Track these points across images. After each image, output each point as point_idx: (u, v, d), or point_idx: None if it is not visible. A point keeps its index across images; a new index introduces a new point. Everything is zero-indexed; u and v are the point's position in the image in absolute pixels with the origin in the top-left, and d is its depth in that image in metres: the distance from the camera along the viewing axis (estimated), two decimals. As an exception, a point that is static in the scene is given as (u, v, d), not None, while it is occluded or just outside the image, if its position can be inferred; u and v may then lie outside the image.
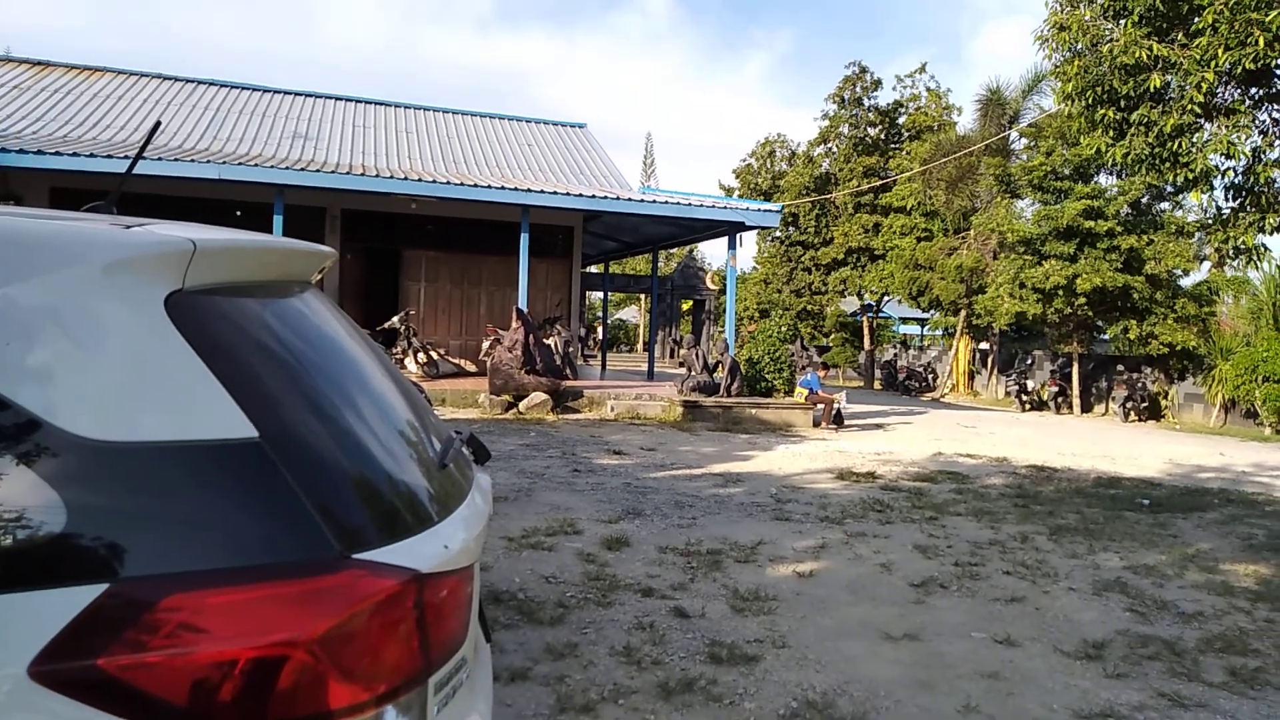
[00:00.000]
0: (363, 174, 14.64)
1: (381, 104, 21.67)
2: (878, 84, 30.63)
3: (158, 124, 2.16)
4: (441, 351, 17.15)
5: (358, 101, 21.45)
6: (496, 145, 21.22)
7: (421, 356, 16.03)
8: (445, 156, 19.79)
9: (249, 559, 1.20)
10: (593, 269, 29.49)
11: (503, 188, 14.96)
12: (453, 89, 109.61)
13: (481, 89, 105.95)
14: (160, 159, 13.30)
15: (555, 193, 15.23)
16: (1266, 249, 9.01)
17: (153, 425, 1.23)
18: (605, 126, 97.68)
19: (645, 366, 23.06)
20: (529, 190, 15.01)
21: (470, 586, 1.54)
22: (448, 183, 14.72)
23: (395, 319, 16.51)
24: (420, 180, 14.71)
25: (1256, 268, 21.47)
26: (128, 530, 1.18)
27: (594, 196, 15.39)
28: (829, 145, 31.77)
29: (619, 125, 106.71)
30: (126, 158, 12.72)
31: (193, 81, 20.20)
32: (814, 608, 4.83)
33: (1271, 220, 8.27)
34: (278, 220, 13.81)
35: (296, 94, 21.06)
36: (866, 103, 30.83)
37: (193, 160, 13.67)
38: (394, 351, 16.23)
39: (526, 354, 13.64)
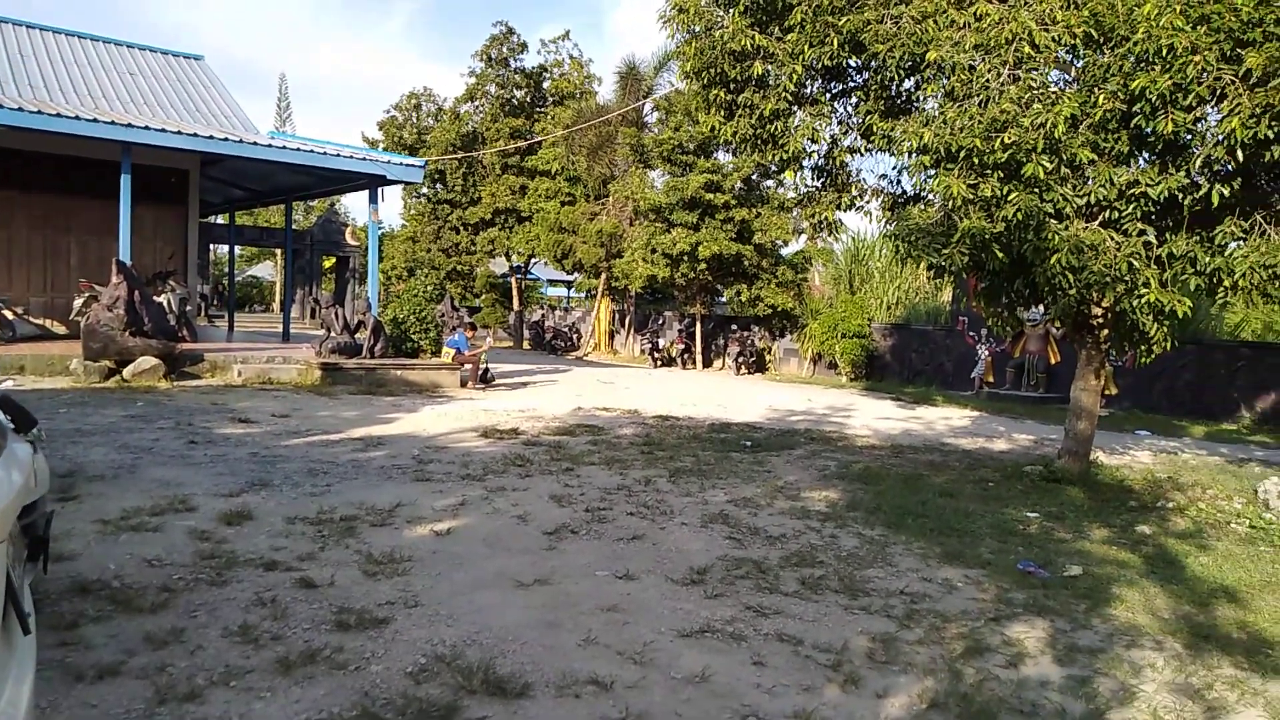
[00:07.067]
0: (-105, 89, 11.76)
1: (-76, 4, 17.52)
2: (524, 46, 30.93)
3: None
4: (19, 310, 14.50)
5: (-113, -3, 17.14)
6: (90, 71, 18.19)
7: (-9, 316, 13.41)
8: (19, 79, 16.55)
9: None
10: (217, 219, 26.65)
11: (96, 120, 12.88)
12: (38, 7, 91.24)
13: (78, 8, 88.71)
14: None
15: (164, 130, 13.44)
16: (843, 223, 10.60)
17: None
18: (232, 63, 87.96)
19: (280, 327, 21.42)
20: (130, 125, 13.07)
21: None
22: (20, 109, 12.34)
23: (-49, 271, 13.62)
24: (-19, 103, 12.17)
25: (838, 239, 25.28)
26: None
27: (211, 138, 13.81)
28: (476, 103, 31.55)
29: (249, 63, 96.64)
30: None
31: None
32: (450, 564, 4.86)
33: (846, 199, 9.70)
34: None
35: None
36: (513, 64, 31.02)
37: None
38: (-49, 310, 13.42)
39: (131, 313, 11.99)
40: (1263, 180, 7.23)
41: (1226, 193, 6.62)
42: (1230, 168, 6.77)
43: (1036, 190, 6.85)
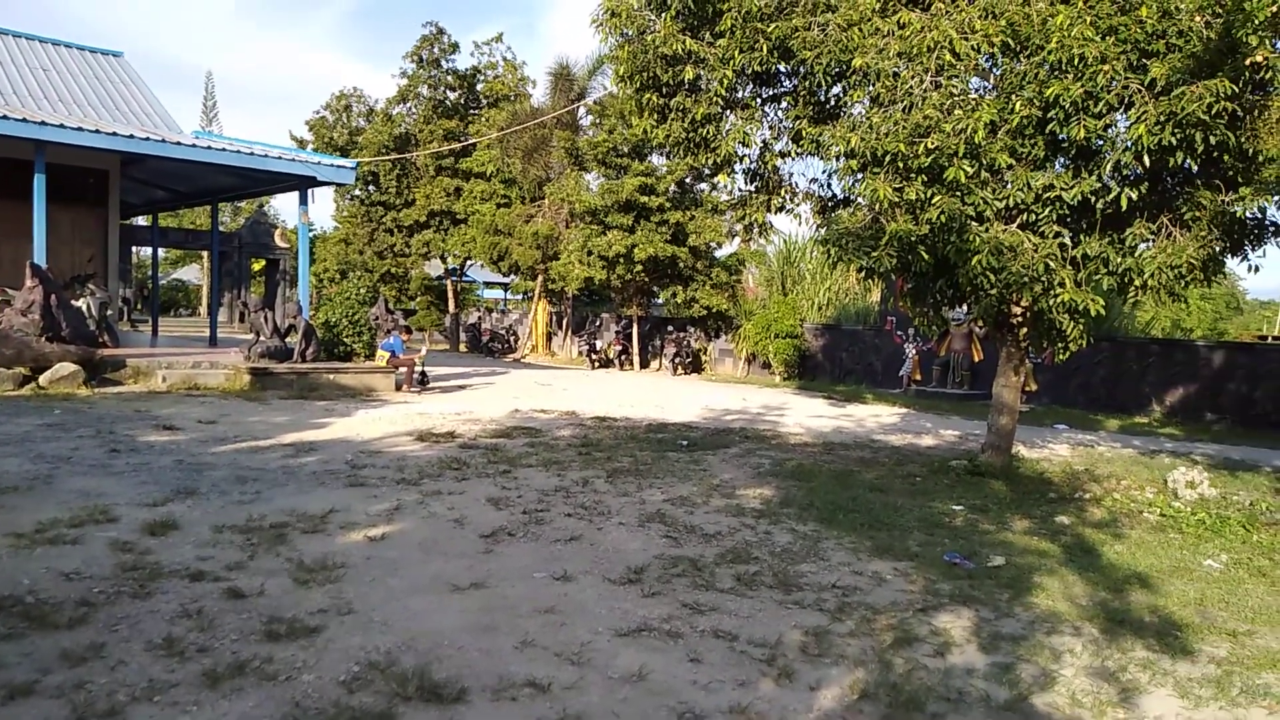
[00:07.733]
0: None
1: None
2: (455, 47, 30.58)
3: None
4: (-76, 317, 13.78)
5: None
6: (1, 67, 17.43)
7: (-108, 323, 12.74)
8: (-79, 72, 15.82)
9: None
10: (140, 220, 25.79)
11: (7, 117, 12.36)
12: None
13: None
14: None
15: (80, 129, 12.96)
16: (773, 226, 10.76)
17: None
18: (154, 60, 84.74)
19: (208, 332, 20.83)
20: (44, 123, 12.58)
21: None
22: (-77, 105, 11.78)
23: None
24: (-120, 99, 11.58)
25: (769, 242, 25.63)
26: None
27: (131, 137, 13.36)
28: (408, 105, 31.09)
29: (173, 61, 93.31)
30: None
31: None
32: (384, 570, 4.81)
33: (776, 201, 9.86)
34: None
35: None
36: (445, 65, 30.66)
37: None
38: None
39: (48, 318, 11.56)
40: (1168, 184, 7.58)
41: (1135, 196, 6.93)
42: (1138, 172, 7.10)
43: (958, 194, 7.07)
